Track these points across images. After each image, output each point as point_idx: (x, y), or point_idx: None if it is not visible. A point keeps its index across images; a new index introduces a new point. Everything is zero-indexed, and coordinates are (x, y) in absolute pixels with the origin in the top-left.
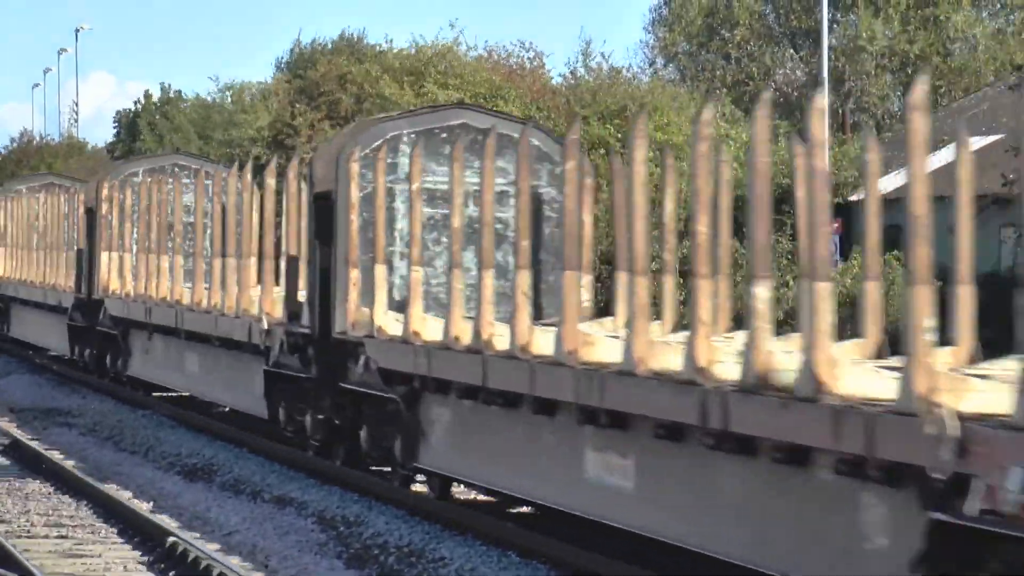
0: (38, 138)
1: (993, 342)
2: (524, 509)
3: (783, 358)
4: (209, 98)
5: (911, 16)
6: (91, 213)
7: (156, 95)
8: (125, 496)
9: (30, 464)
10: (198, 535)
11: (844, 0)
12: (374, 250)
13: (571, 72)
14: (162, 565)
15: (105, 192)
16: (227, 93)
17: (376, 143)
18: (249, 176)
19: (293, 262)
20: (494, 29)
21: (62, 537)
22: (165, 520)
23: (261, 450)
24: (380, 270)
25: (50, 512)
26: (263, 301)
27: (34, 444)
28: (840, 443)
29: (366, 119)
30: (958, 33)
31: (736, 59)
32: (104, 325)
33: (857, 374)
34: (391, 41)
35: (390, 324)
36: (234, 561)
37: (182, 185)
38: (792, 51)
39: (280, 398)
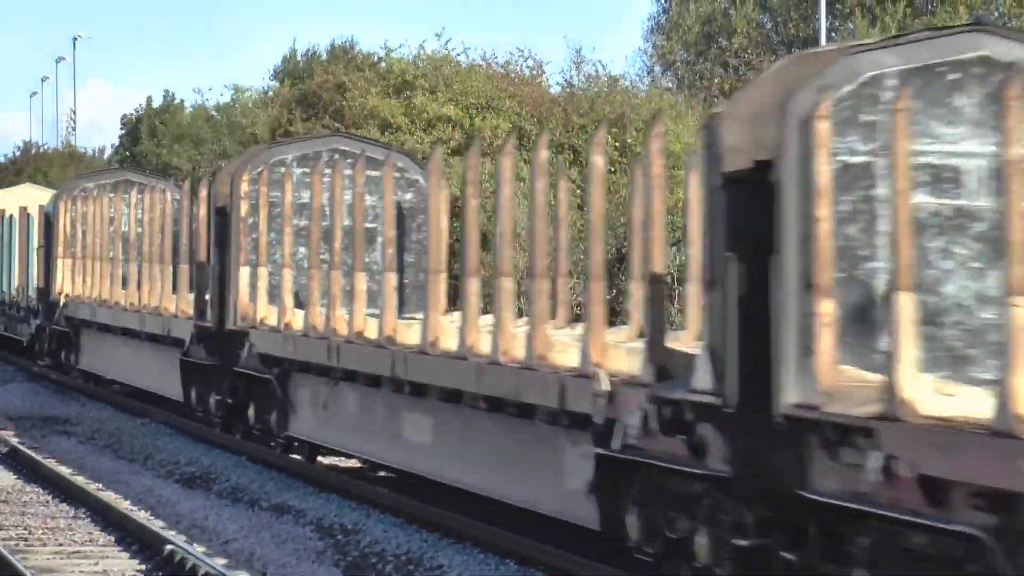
0: (36, 147)
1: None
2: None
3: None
4: (209, 103)
5: (908, 25)
6: (222, 214)
7: (157, 102)
8: (123, 504)
9: (28, 472)
10: (196, 543)
11: (842, 8)
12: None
13: (567, 80)
14: (160, 573)
15: (245, 187)
16: (234, 95)
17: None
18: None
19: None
20: (489, 38)
21: (60, 545)
22: (163, 528)
23: (259, 458)
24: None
25: (48, 520)
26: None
27: (32, 452)
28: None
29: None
30: None
31: (734, 67)
32: (249, 367)
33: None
34: (387, 51)
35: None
36: (232, 569)
37: (344, 177)
38: None
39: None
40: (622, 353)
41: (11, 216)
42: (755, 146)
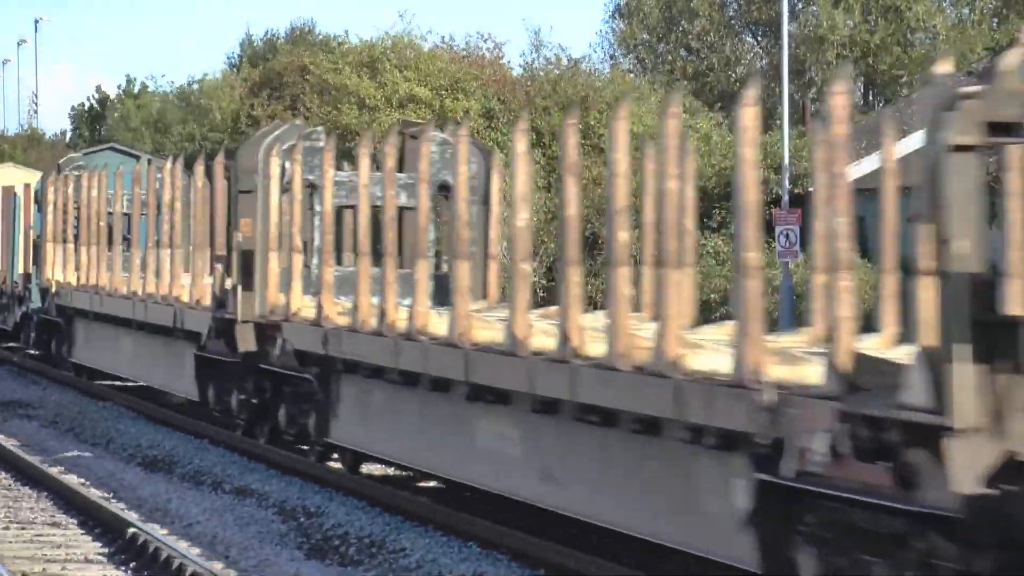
0: None
1: None
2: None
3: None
4: (170, 92)
5: (872, 6)
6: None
7: (113, 90)
8: (86, 488)
9: None
10: (158, 526)
11: None
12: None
13: (527, 63)
14: (123, 556)
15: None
16: (195, 85)
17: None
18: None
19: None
20: (450, 20)
21: (22, 529)
22: (125, 511)
23: (221, 441)
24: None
25: (10, 504)
26: None
27: None
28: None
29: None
30: (919, 23)
31: (696, 50)
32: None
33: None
34: (347, 33)
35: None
36: (194, 552)
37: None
38: (753, 41)
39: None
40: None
41: None
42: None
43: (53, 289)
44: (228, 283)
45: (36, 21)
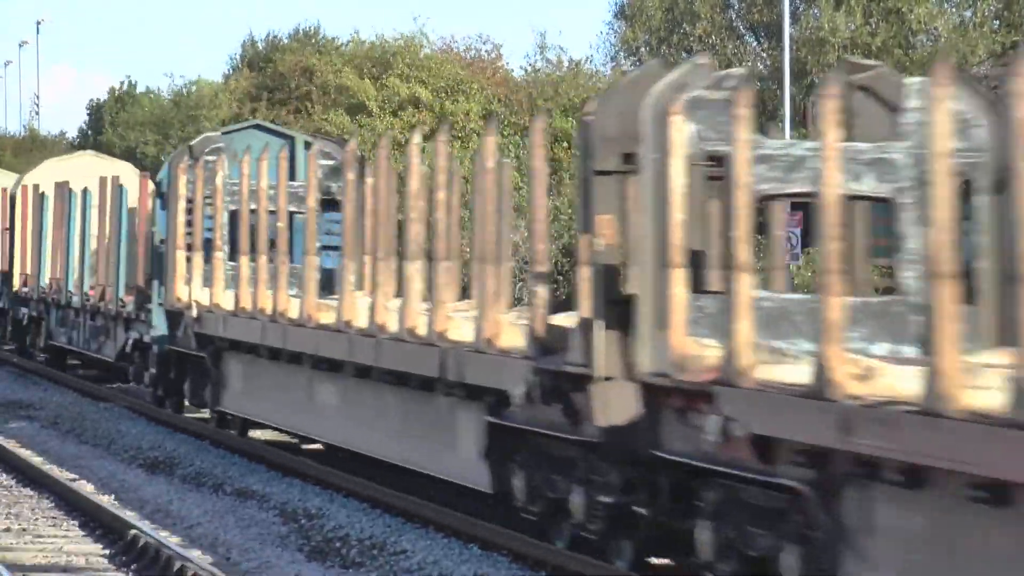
0: None
1: None
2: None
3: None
4: (167, 94)
5: (873, 8)
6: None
7: (120, 90)
8: (87, 489)
9: None
10: (160, 528)
11: None
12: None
13: (531, 65)
14: (124, 558)
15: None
16: (191, 87)
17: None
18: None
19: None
20: (453, 22)
21: (23, 530)
22: (127, 513)
23: (222, 443)
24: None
25: (11, 505)
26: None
27: None
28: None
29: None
30: (920, 26)
31: (698, 52)
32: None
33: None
34: (357, 32)
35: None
36: (196, 554)
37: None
38: (755, 44)
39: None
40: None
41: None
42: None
43: (194, 313)
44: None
45: (38, 23)
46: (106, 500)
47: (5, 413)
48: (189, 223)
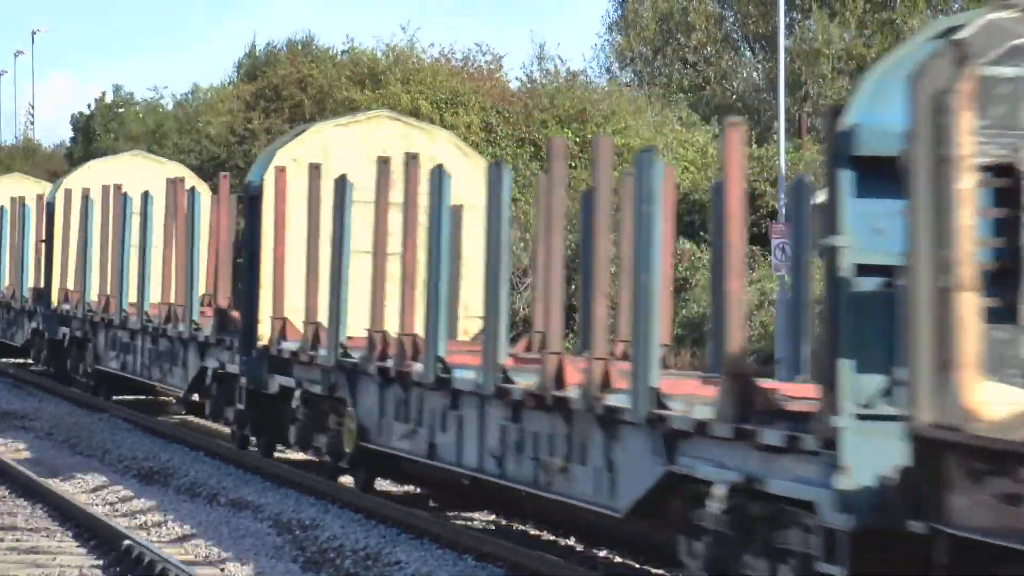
0: None
1: None
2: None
3: None
4: (164, 102)
5: (868, 20)
6: None
7: (110, 98)
8: (81, 499)
9: None
10: (154, 538)
11: (801, 4)
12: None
13: (527, 76)
14: (118, 568)
15: None
16: (191, 96)
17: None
18: None
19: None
20: (448, 33)
21: (17, 540)
22: (121, 523)
23: (217, 453)
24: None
25: (5, 515)
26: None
27: None
28: None
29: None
30: None
31: (693, 63)
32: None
33: None
34: (352, 40)
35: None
36: (190, 565)
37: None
38: (750, 55)
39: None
40: None
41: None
42: None
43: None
44: None
45: (33, 32)
46: (100, 510)
47: (0, 423)
48: None
